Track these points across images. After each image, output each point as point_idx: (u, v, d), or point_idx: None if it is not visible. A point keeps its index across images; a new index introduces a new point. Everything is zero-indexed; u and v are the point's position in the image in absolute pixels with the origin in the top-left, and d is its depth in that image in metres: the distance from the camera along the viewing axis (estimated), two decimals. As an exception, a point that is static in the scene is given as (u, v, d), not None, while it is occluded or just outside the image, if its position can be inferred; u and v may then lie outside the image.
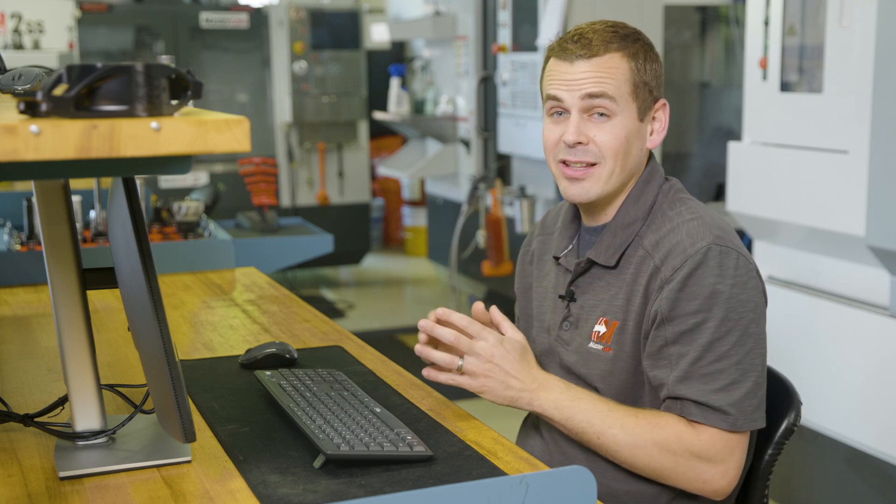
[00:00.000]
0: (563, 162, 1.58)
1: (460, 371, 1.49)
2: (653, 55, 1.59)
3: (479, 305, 1.59)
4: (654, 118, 1.61)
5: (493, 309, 1.56)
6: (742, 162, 3.33)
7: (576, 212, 1.69)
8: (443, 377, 1.50)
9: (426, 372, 1.53)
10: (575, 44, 1.55)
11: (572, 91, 1.55)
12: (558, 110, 1.58)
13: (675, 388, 1.48)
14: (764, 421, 1.51)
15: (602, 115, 1.55)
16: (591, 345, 1.59)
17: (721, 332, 1.47)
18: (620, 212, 1.60)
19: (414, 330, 1.65)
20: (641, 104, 1.57)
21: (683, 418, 1.48)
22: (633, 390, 1.57)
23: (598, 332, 1.58)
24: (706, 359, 1.47)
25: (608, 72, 1.54)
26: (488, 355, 1.48)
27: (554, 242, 1.72)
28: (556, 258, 1.69)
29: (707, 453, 1.47)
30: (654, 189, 1.61)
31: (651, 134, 1.61)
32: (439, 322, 1.52)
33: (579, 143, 1.56)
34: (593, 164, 1.56)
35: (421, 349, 1.51)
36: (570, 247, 1.68)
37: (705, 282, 1.47)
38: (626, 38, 1.56)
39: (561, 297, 1.65)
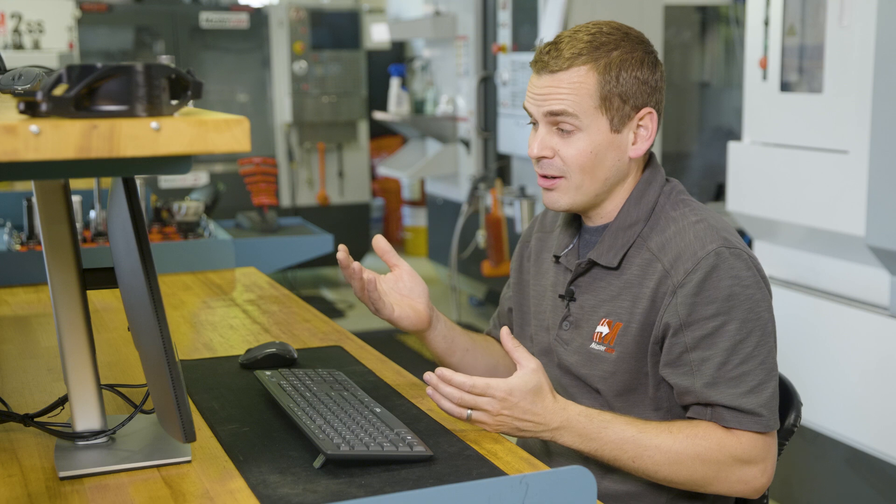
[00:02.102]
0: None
1: (470, 419, 1.44)
2: (636, 62, 1.53)
3: (379, 239, 1.61)
4: (639, 126, 1.56)
5: (505, 333, 1.49)
6: (742, 162, 3.33)
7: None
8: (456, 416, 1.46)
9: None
10: (546, 55, 1.54)
11: (538, 106, 1.56)
12: (532, 121, 1.60)
13: (705, 393, 1.48)
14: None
15: (569, 128, 1.54)
16: (593, 345, 1.59)
17: (742, 333, 1.47)
18: (622, 213, 1.60)
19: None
20: (615, 116, 1.53)
21: (719, 424, 1.48)
22: (635, 391, 1.57)
23: (601, 333, 1.58)
24: (732, 362, 1.47)
25: (570, 87, 1.51)
26: (495, 410, 1.43)
27: (554, 241, 1.72)
28: (557, 257, 1.69)
29: (748, 455, 1.47)
30: (656, 190, 1.60)
31: (634, 143, 1.57)
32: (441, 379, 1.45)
33: (544, 156, 1.56)
34: (560, 177, 1.57)
35: (432, 393, 1.46)
36: (571, 246, 1.67)
37: (721, 284, 1.47)
38: (599, 49, 1.52)
39: (561, 296, 1.65)
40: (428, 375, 1.46)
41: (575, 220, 1.69)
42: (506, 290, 1.86)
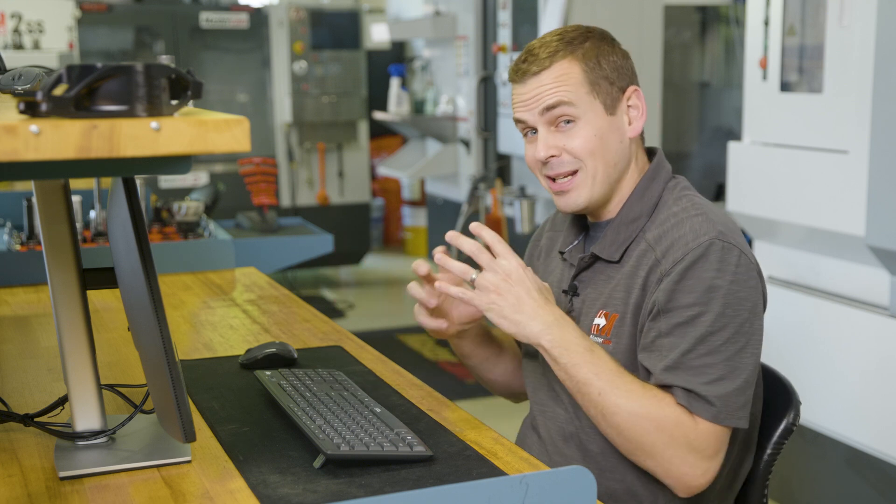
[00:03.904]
0: (549, 177, 1.60)
1: (472, 284, 1.48)
2: (608, 49, 1.59)
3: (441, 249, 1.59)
4: (629, 106, 1.60)
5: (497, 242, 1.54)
6: (742, 162, 3.33)
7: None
8: (454, 290, 1.50)
9: (438, 283, 1.53)
10: (524, 63, 1.58)
11: (531, 109, 1.57)
12: (528, 130, 1.61)
13: (662, 376, 1.47)
14: (747, 422, 1.49)
15: (568, 122, 1.56)
16: (591, 338, 1.59)
17: (715, 326, 1.46)
18: (625, 208, 1.60)
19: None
20: (606, 98, 1.57)
21: (682, 406, 1.47)
22: None
23: (598, 325, 1.58)
24: (697, 351, 1.46)
25: (559, 80, 1.55)
26: (505, 273, 1.48)
27: (561, 238, 1.73)
28: (562, 253, 1.70)
29: (700, 445, 1.45)
30: (660, 185, 1.61)
31: (630, 123, 1.60)
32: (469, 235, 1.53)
33: (552, 156, 1.57)
34: (574, 172, 1.58)
35: (441, 258, 1.51)
36: (576, 242, 1.69)
37: (704, 275, 1.47)
38: (571, 43, 1.57)
39: (564, 291, 1.66)
40: (450, 233, 1.52)
41: (581, 218, 1.70)
42: None
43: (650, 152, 1.67)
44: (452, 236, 1.52)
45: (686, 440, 1.45)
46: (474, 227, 1.54)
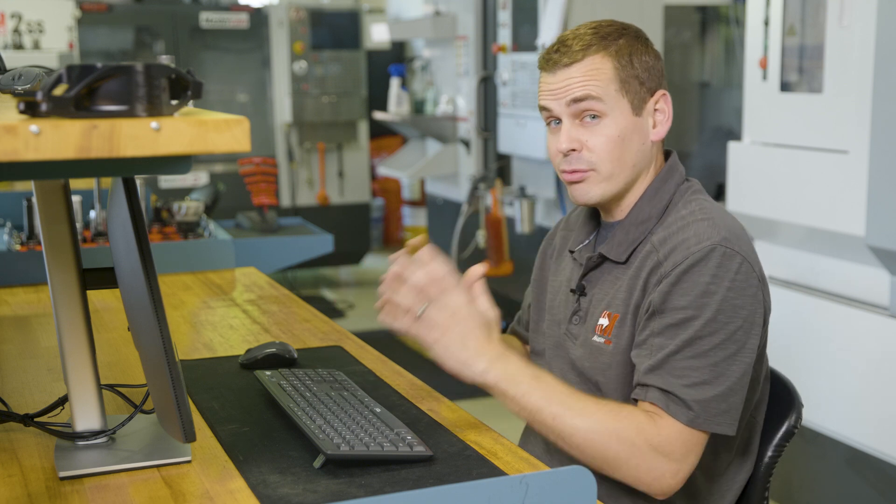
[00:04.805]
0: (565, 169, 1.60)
1: (419, 318, 1.44)
2: (642, 48, 1.58)
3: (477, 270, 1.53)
4: (655, 110, 1.60)
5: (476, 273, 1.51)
6: (742, 162, 3.33)
7: (595, 208, 1.70)
8: (398, 323, 1.45)
9: (381, 316, 1.47)
10: (556, 53, 1.57)
11: (558, 99, 1.57)
12: (552, 120, 1.61)
13: (645, 376, 1.47)
14: (733, 429, 1.47)
15: (594, 117, 1.55)
16: (595, 338, 1.60)
17: (705, 331, 1.45)
18: (635, 209, 1.60)
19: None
20: (634, 99, 1.56)
21: (645, 411, 1.46)
22: (631, 385, 1.57)
23: (602, 325, 1.59)
24: (683, 353, 1.45)
25: (590, 74, 1.54)
26: (454, 308, 1.44)
27: (573, 237, 1.74)
28: (571, 251, 1.70)
29: (665, 448, 1.44)
30: (672, 188, 1.61)
31: (654, 126, 1.60)
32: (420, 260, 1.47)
33: (572, 149, 1.57)
34: (590, 170, 1.57)
35: (387, 285, 1.46)
36: (587, 241, 1.69)
37: (700, 279, 1.46)
38: (606, 38, 1.56)
39: (572, 290, 1.66)
40: (395, 256, 1.47)
41: (594, 217, 1.70)
42: (529, 287, 1.88)
43: (665, 154, 1.66)
44: (402, 262, 1.47)
45: (649, 446, 1.44)
46: (424, 253, 1.47)
